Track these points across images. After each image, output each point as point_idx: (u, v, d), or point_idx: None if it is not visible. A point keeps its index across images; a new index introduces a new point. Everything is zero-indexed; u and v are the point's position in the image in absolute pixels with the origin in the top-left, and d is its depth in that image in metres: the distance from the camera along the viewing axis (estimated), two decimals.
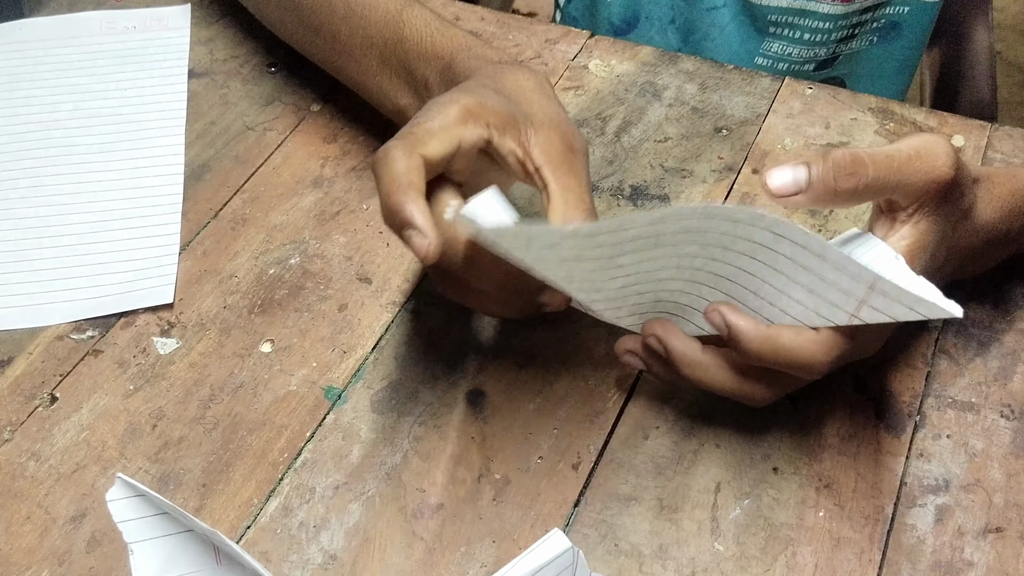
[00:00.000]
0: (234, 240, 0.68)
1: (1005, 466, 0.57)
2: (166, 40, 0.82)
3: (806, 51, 0.89)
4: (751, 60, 0.90)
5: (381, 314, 0.64)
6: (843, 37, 0.88)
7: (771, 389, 0.55)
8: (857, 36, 0.89)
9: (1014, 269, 0.66)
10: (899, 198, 0.53)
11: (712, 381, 0.55)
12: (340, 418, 0.60)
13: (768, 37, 0.88)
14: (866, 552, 0.54)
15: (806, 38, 0.88)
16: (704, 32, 0.89)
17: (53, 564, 0.54)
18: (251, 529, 0.55)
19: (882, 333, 0.55)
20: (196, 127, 0.76)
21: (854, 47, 0.91)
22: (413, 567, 0.54)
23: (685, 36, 0.91)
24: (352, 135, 0.75)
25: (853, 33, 0.89)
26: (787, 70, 0.90)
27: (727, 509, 0.56)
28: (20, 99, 0.78)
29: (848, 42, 0.89)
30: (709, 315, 0.53)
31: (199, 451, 0.58)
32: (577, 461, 0.58)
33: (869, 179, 0.52)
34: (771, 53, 0.90)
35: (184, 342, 0.63)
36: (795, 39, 0.88)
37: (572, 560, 0.46)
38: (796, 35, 0.88)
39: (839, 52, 0.90)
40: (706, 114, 0.76)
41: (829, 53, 0.89)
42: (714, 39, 0.90)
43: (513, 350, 0.62)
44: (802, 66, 0.90)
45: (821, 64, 0.90)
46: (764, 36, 0.88)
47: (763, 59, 0.91)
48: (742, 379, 0.54)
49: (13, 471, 0.57)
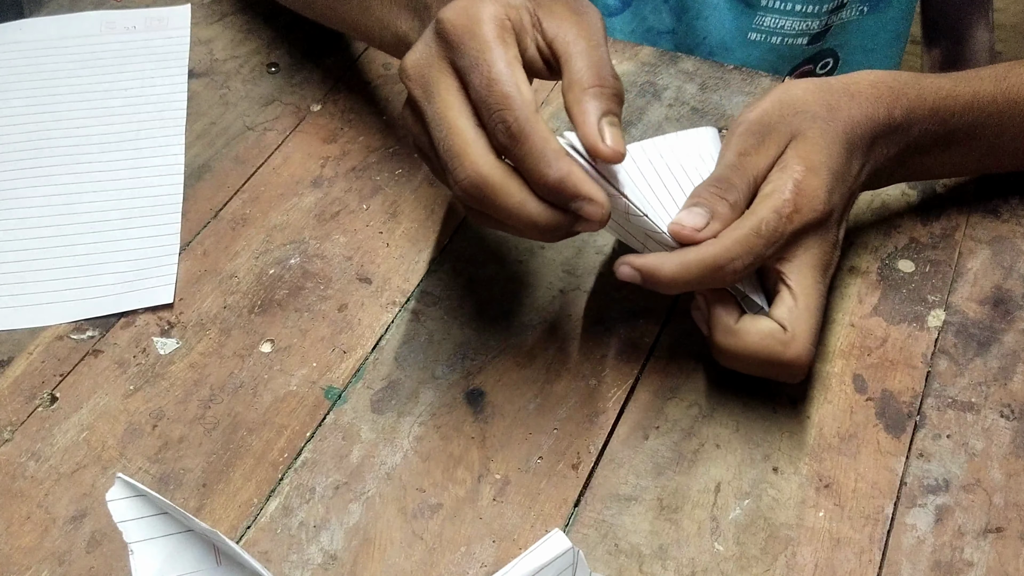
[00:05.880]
0: (234, 240, 0.68)
1: (1005, 466, 0.57)
2: (166, 40, 0.82)
3: (798, 23, 0.89)
4: (745, 36, 0.91)
5: (381, 314, 0.64)
6: (834, 7, 0.89)
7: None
8: (847, 5, 0.90)
9: (1014, 268, 0.66)
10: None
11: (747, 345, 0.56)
12: (340, 418, 0.60)
13: (760, 11, 0.88)
14: (866, 552, 0.54)
15: (798, 9, 0.88)
16: (697, 10, 0.89)
17: (53, 564, 0.54)
18: (251, 529, 0.55)
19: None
20: (196, 127, 0.76)
21: (845, 17, 0.91)
22: (413, 567, 0.54)
23: (679, 14, 0.91)
24: (352, 135, 0.75)
25: (843, 2, 0.89)
26: (781, 44, 0.90)
27: (727, 509, 0.56)
28: (20, 99, 0.78)
29: (839, 12, 0.90)
30: (620, 272, 0.56)
31: (199, 451, 0.58)
32: (577, 461, 0.58)
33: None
34: (764, 27, 0.90)
35: (184, 342, 0.63)
36: (787, 11, 0.88)
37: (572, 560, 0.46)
38: (787, 7, 0.88)
39: (831, 23, 0.90)
40: (706, 114, 0.76)
41: (821, 25, 0.89)
42: (707, 17, 0.90)
43: (513, 350, 0.62)
44: (795, 39, 0.90)
45: (814, 38, 0.91)
46: (756, 10, 0.88)
47: (756, 34, 0.90)
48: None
49: (13, 471, 0.57)
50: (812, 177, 0.56)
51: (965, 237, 0.68)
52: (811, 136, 0.58)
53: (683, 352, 0.62)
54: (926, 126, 0.62)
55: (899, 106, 0.61)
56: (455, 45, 0.52)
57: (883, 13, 0.92)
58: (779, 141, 0.58)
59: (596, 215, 0.51)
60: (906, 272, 0.66)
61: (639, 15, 0.92)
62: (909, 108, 0.61)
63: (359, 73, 0.79)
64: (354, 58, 0.80)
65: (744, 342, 0.56)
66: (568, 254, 0.67)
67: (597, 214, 0.51)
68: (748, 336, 0.56)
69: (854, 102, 0.60)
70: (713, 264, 0.55)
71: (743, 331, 0.56)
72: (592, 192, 0.51)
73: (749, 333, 0.56)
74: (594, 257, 0.67)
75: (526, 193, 0.52)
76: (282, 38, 0.82)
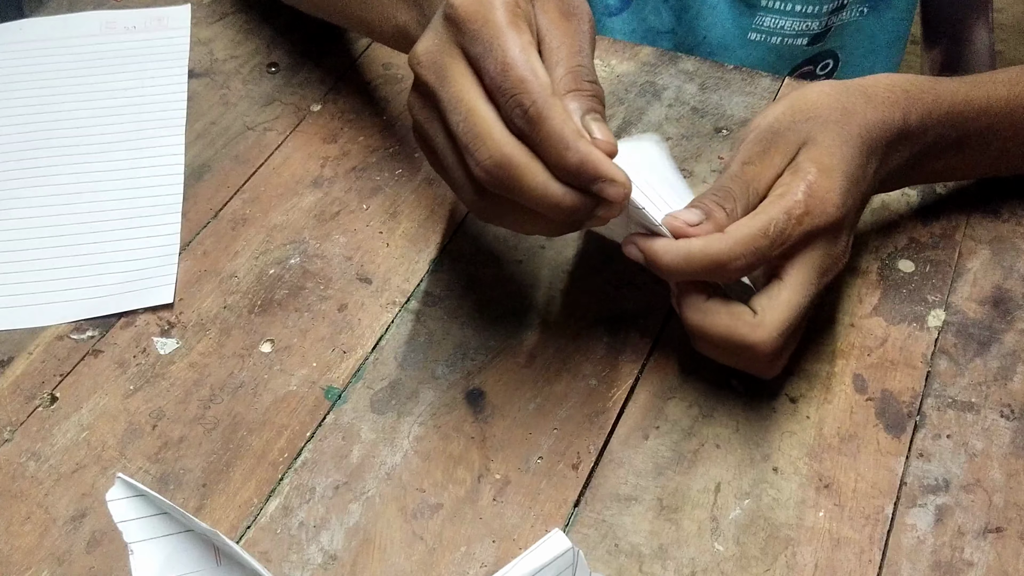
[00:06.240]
0: (234, 240, 0.68)
1: (1005, 466, 0.57)
2: (166, 40, 0.82)
3: (799, 23, 0.89)
4: (745, 36, 0.91)
5: (381, 314, 0.64)
6: (834, 8, 0.89)
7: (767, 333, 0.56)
8: (848, 6, 0.90)
9: (1014, 268, 0.66)
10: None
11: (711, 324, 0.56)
12: (340, 418, 0.60)
13: (760, 11, 0.88)
14: (866, 552, 0.54)
15: (797, 9, 0.88)
16: (697, 10, 0.89)
17: (53, 564, 0.54)
18: (251, 529, 0.55)
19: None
20: (196, 127, 0.76)
21: (845, 18, 0.91)
22: (413, 567, 0.54)
23: (679, 15, 0.91)
24: (352, 135, 0.75)
25: (843, 3, 0.89)
26: (781, 44, 0.90)
27: (727, 509, 0.56)
28: (20, 99, 0.78)
29: (839, 13, 0.90)
30: (626, 250, 0.56)
31: (199, 451, 0.58)
32: (577, 461, 0.58)
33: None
34: (764, 28, 0.90)
35: (184, 342, 0.63)
36: (787, 11, 0.88)
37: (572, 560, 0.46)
38: (787, 7, 0.88)
39: (831, 24, 0.90)
40: (706, 114, 0.76)
41: (821, 26, 0.89)
42: (707, 17, 0.90)
43: (513, 350, 0.62)
44: (795, 39, 0.90)
45: (814, 38, 0.91)
46: (756, 11, 0.88)
47: (757, 34, 0.90)
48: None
49: (13, 471, 0.57)
50: (825, 179, 0.56)
51: (965, 237, 0.68)
52: (825, 140, 0.57)
53: (683, 352, 0.62)
54: (941, 131, 0.62)
55: (915, 111, 0.60)
56: (467, 31, 0.51)
57: (883, 14, 0.92)
58: (786, 149, 0.58)
59: (618, 195, 0.51)
60: (906, 272, 0.66)
61: (639, 15, 0.92)
62: (925, 113, 0.61)
63: (359, 73, 0.79)
64: (354, 58, 0.80)
65: (711, 320, 0.56)
66: (568, 254, 0.67)
67: (619, 194, 0.51)
68: (716, 315, 0.56)
69: (870, 105, 0.59)
70: (716, 259, 0.55)
71: (712, 309, 0.56)
72: (613, 173, 0.51)
73: (719, 313, 0.56)
74: (594, 257, 0.67)
75: (548, 175, 0.51)
76: (282, 38, 0.82)
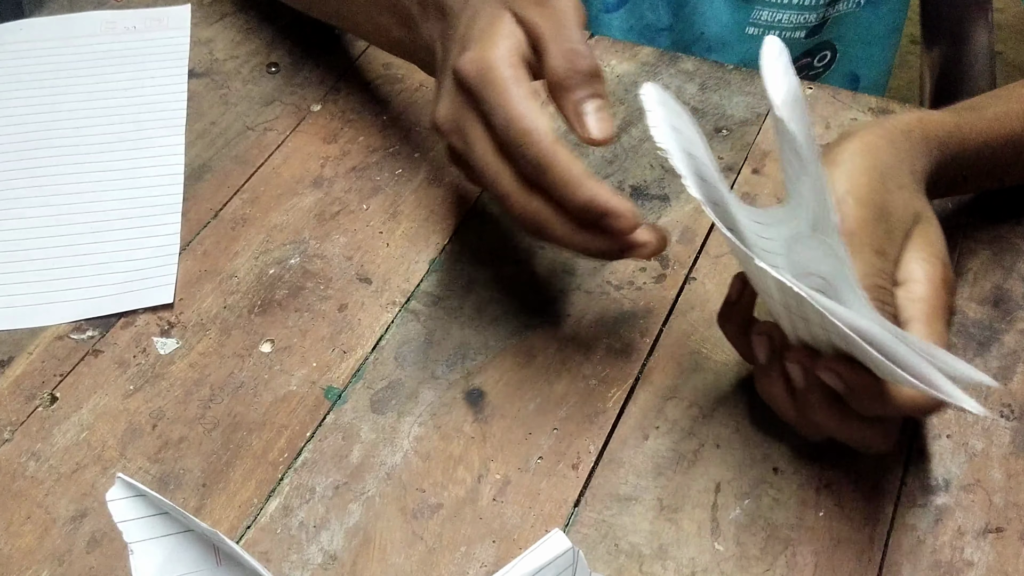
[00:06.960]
0: (234, 240, 0.68)
1: (1005, 466, 0.57)
2: (166, 40, 0.82)
3: (796, 16, 0.89)
4: (742, 30, 0.91)
5: (381, 314, 0.64)
6: (830, 0, 0.89)
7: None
8: None
9: (1014, 268, 0.66)
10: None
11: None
12: (340, 418, 0.60)
13: (757, 5, 0.89)
14: (866, 552, 0.54)
15: (795, 2, 0.88)
16: (694, 5, 0.90)
17: (53, 564, 0.54)
18: (251, 529, 0.55)
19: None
20: (196, 127, 0.76)
21: (841, 10, 0.91)
22: (413, 567, 0.54)
23: (676, 10, 0.91)
24: (352, 135, 0.75)
25: None
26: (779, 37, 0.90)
27: (727, 509, 0.56)
28: (20, 99, 0.78)
29: (835, 5, 0.90)
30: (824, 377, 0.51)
31: (199, 451, 0.58)
32: (577, 461, 0.58)
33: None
34: (762, 21, 0.90)
35: (184, 342, 0.63)
36: (784, 4, 0.89)
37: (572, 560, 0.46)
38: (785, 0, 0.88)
39: (828, 16, 0.91)
40: (706, 114, 0.76)
41: (819, 18, 0.90)
42: (704, 12, 0.90)
43: (513, 350, 0.62)
44: (793, 32, 0.90)
45: (812, 31, 0.91)
46: (753, 5, 0.89)
47: (754, 28, 0.91)
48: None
49: (13, 471, 0.57)
50: (947, 270, 0.54)
51: (965, 237, 0.68)
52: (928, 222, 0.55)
53: (683, 352, 0.62)
54: (967, 172, 0.63)
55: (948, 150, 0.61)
56: (474, 93, 0.54)
57: (879, 6, 0.92)
58: (903, 231, 0.55)
59: (623, 228, 0.52)
60: None
61: (636, 11, 0.92)
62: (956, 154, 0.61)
63: (359, 73, 0.79)
64: (354, 58, 0.80)
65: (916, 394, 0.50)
66: (568, 254, 0.67)
67: (623, 227, 0.52)
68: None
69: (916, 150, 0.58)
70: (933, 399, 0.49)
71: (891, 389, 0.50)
72: (616, 206, 0.51)
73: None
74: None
75: (571, 224, 0.54)
76: (282, 38, 0.82)
